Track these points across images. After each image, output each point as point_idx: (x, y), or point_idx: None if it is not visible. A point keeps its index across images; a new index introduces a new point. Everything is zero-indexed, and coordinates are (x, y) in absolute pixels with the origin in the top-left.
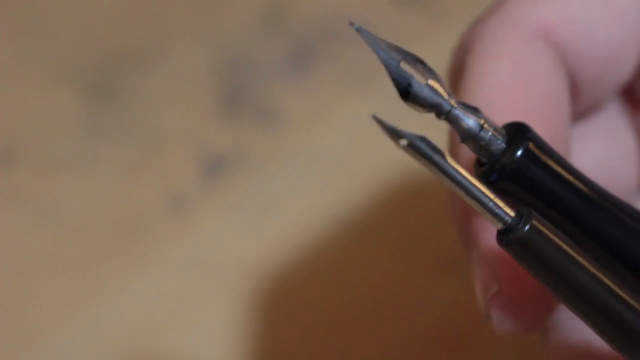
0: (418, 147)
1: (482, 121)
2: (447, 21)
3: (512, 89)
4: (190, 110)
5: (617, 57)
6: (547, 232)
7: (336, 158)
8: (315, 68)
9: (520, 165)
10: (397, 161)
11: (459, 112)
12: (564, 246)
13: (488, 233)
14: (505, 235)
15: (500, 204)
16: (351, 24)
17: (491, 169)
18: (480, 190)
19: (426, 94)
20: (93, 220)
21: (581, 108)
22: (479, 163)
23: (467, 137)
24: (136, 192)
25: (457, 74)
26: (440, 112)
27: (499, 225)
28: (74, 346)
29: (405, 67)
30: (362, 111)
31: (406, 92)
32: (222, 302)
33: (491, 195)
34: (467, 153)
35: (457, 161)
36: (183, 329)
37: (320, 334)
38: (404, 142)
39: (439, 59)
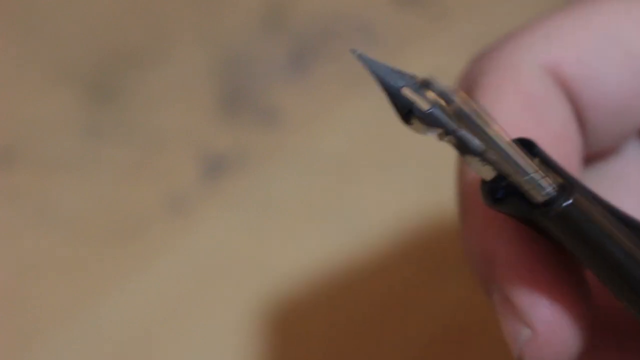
0: (465, 113)
1: None
2: (447, 21)
3: (524, 130)
4: (190, 110)
5: (628, 109)
6: (589, 206)
7: (336, 158)
8: (315, 68)
9: None
10: (398, 161)
11: (464, 134)
12: (604, 222)
13: (515, 275)
14: (546, 207)
15: (544, 175)
16: (352, 51)
17: (498, 186)
18: (524, 160)
19: (423, 128)
20: (93, 220)
21: (590, 150)
22: (484, 180)
23: (473, 157)
24: (136, 192)
25: None
26: (444, 134)
27: (541, 197)
28: (74, 346)
29: (407, 92)
30: (362, 111)
31: (408, 118)
32: (221, 302)
33: (535, 166)
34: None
35: (465, 178)
36: (183, 329)
37: (320, 334)
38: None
39: (439, 58)
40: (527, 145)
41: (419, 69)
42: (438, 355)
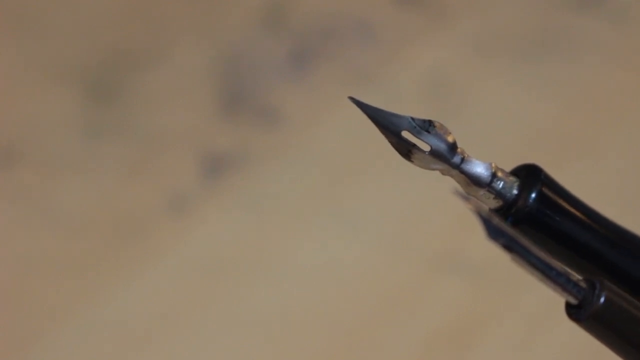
0: (486, 221)
1: (493, 169)
2: (447, 20)
3: None
4: (191, 110)
5: None
6: (620, 301)
7: (336, 158)
8: (315, 68)
9: (535, 209)
10: (399, 161)
11: (465, 168)
12: (634, 310)
13: None
14: (578, 309)
15: (573, 277)
16: (350, 98)
17: (505, 214)
18: (551, 266)
19: (427, 163)
20: (93, 220)
21: None
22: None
23: (477, 189)
24: (136, 192)
25: None
26: (448, 169)
27: (573, 300)
28: (74, 346)
29: (408, 135)
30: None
31: (409, 157)
32: (221, 301)
33: (562, 270)
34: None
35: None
36: (183, 328)
37: (320, 333)
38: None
39: (439, 57)
40: (532, 171)
41: (419, 68)
42: (438, 355)
